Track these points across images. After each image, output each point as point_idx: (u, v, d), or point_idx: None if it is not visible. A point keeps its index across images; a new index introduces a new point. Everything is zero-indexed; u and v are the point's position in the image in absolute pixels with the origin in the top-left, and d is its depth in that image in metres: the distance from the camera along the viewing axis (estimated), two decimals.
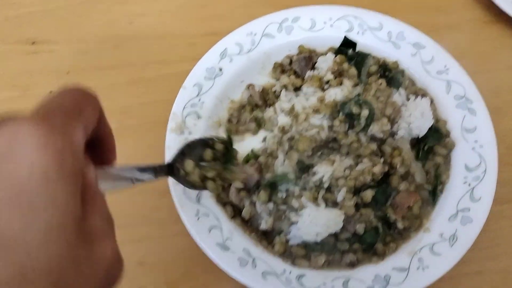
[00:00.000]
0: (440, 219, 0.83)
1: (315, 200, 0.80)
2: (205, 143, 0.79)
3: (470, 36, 1.09)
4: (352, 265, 0.80)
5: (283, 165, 0.83)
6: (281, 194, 0.83)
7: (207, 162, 0.77)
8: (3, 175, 0.32)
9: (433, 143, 0.89)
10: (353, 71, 0.92)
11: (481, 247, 0.86)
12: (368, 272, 0.79)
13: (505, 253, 0.88)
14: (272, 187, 0.83)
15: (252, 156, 0.89)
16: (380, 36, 0.98)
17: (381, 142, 0.86)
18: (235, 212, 0.85)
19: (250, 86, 0.95)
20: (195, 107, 0.91)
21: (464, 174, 0.86)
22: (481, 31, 1.10)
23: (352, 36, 0.98)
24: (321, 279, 0.78)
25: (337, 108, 0.85)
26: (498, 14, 1.09)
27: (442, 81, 0.94)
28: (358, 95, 0.87)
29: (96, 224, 0.40)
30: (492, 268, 0.86)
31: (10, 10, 1.11)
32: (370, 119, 0.84)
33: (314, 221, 0.78)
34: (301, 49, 0.98)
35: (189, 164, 0.74)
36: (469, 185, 0.84)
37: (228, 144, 0.83)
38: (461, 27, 1.11)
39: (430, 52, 0.96)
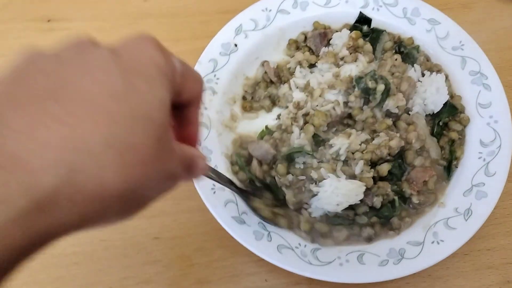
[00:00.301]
0: (455, 193, 0.83)
1: (333, 171, 0.80)
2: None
3: (484, 14, 1.08)
4: (370, 239, 0.81)
5: (299, 138, 0.83)
6: (299, 166, 0.83)
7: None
8: (142, 56, 0.42)
9: (448, 119, 0.90)
10: (368, 47, 0.92)
11: (495, 223, 0.87)
12: (382, 246, 0.79)
13: None
14: (289, 159, 0.84)
15: (267, 132, 0.89)
16: (395, 12, 0.98)
17: (396, 117, 0.87)
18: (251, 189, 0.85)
19: (264, 63, 0.96)
20: (211, 83, 0.91)
21: (479, 149, 0.86)
22: (495, 9, 1.09)
23: (367, 12, 0.98)
24: (336, 253, 0.79)
25: (353, 84, 0.86)
26: None
27: (457, 56, 0.94)
28: (374, 70, 0.87)
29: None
30: (506, 244, 0.86)
31: None
32: (386, 94, 0.84)
33: (336, 191, 0.78)
34: (316, 25, 0.98)
35: (256, 202, 0.81)
36: (484, 160, 0.85)
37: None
38: (476, 5, 1.10)
39: (445, 28, 0.96)
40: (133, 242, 0.86)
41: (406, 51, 0.94)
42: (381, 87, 0.83)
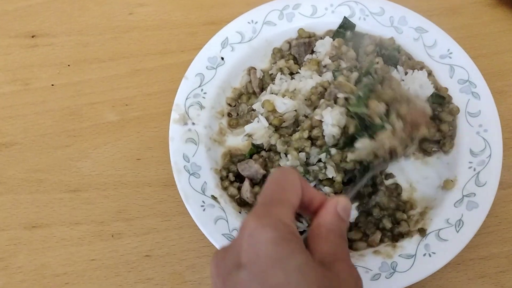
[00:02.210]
0: (446, 204, 0.83)
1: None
2: None
3: (472, 20, 1.08)
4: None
5: (288, 160, 0.82)
6: None
7: None
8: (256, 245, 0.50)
9: (438, 110, 0.90)
10: (352, 53, 0.92)
11: (487, 231, 0.86)
12: (374, 259, 0.79)
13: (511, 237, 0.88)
14: None
15: (255, 150, 0.88)
16: (382, 21, 0.97)
17: None
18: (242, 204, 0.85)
19: (251, 70, 0.95)
20: (198, 97, 0.91)
21: (469, 159, 0.86)
22: (483, 14, 1.09)
23: (354, 22, 0.97)
24: None
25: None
26: None
27: (445, 65, 0.93)
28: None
29: (324, 251, 0.53)
30: (499, 253, 0.85)
31: (10, 3, 1.11)
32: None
33: None
34: (301, 33, 0.97)
35: None
36: (474, 169, 0.84)
37: None
38: (464, 10, 1.09)
39: (432, 36, 0.95)
40: (124, 260, 0.85)
41: (387, 52, 0.94)
42: (355, 74, 0.84)
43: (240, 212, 0.83)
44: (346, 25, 0.97)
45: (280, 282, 0.46)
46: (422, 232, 0.80)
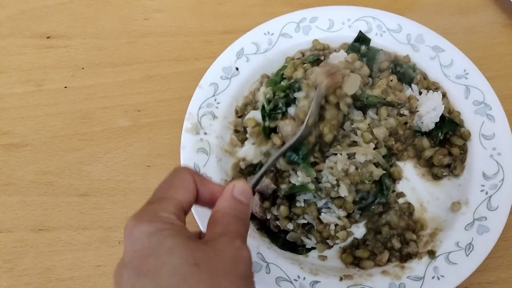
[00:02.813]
0: (457, 227, 0.82)
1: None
2: None
3: (489, 40, 1.08)
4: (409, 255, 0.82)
5: (299, 177, 0.82)
6: (300, 204, 0.82)
7: None
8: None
9: (449, 134, 0.89)
10: (365, 70, 0.91)
11: (496, 256, 0.85)
12: (382, 280, 0.78)
13: None
14: (290, 198, 0.83)
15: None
16: (399, 38, 0.97)
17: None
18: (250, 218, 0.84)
19: (264, 77, 0.95)
20: (211, 107, 0.90)
21: (481, 182, 0.85)
22: (501, 34, 1.09)
23: (370, 37, 0.97)
24: (335, 287, 0.77)
25: None
26: None
27: (461, 85, 0.93)
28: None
29: (214, 232, 0.55)
30: (507, 278, 0.85)
31: (26, 3, 1.11)
32: None
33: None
34: (315, 44, 0.97)
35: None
36: (487, 193, 0.84)
37: None
38: (481, 30, 1.09)
39: (449, 55, 0.95)
40: None
41: (402, 70, 0.94)
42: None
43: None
44: (361, 39, 0.97)
45: (152, 268, 0.48)
46: (432, 254, 0.80)
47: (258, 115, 0.87)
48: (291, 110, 0.84)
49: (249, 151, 0.86)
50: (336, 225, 0.82)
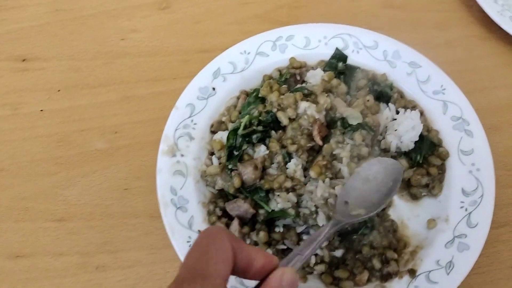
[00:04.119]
0: (437, 245, 0.81)
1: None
2: None
3: (466, 53, 1.08)
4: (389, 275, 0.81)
5: (279, 203, 0.81)
6: (279, 229, 0.82)
7: None
8: None
9: (426, 153, 0.89)
10: (343, 87, 0.91)
11: (478, 272, 0.85)
12: None
13: (503, 277, 0.86)
14: (269, 223, 0.82)
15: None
16: (376, 55, 0.97)
17: None
18: None
19: (242, 94, 0.95)
20: (188, 128, 0.89)
21: (460, 199, 0.84)
22: (477, 47, 1.09)
23: (347, 54, 0.97)
24: None
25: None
26: (495, 30, 1.08)
27: (439, 101, 0.92)
28: None
29: None
30: None
31: (1, 25, 1.10)
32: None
33: None
34: (292, 61, 0.97)
35: None
36: (466, 210, 0.83)
37: None
38: (457, 44, 1.09)
39: (426, 71, 0.95)
40: None
41: (380, 89, 0.93)
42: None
43: None
44: (338, 56, 0.96)
45: None
46: (412, 273, 0.79)
47: (225, 137, 0.87)
48: (261, 148, 0.84)
49: (212, 168, 0.86)
50: (316, 255, 0.81)
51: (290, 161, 0.83)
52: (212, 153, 0.90)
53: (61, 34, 1.09)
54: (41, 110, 1.00)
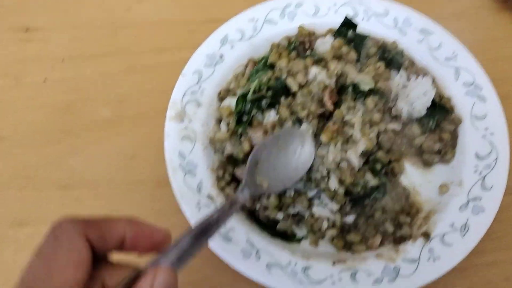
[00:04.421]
0: (451, 209, 0.80)
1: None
2: None
3: (477, 24, 1.07)
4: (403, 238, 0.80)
5: None
6: (289, 193, 0.80)
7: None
8: None
9: (439, 119, 0.87)
10: (353, 55, 0.89)
11: (493, 237, 0.83)
12: (377, 263, 0.75)
13: None
14: None
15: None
16: (386, 22, 0.96)
17: None
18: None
19: (250, 61, 0.93)
20: (195, 95, 0.88)
21: (474, 163, 0.83)
22: (488, 18, 1.08)
23: (357, 22, 0.95)
24: (328, 271, 0.75)
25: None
26: (506, 0, 1.07)
27: (450, 67, 0.91)
28: None
29: None
30: (505, 259, 0.83)
31: None
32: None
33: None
34: (301, 30, 0.95)
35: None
36: (480, 173, 0.82)
37: None
38: (469, 15, 1.08)
39: (437, 38, 0.94)
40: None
41: (390, 56, 0.92)
42: None
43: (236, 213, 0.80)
44: (347, 24, 0.95)
45: None
46: (426, 236, 0.77)
47: (234, 103, 0.85)
48: (270, 113, 0.83)
49: (221, 134, 0.85)
50: (328, 219, 0.79)
51: (300, 127, 0.82)
52: (219, 120, 0.88)
53: (64, 4, 1.07)
54: (45, 80, 0.98)
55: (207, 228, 0.59)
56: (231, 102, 0.86)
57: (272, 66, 0.88)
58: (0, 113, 0.94)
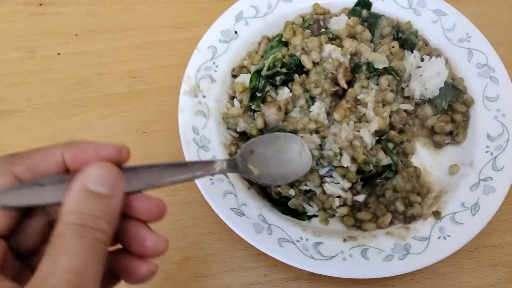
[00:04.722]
0: (462, 188, 0.80)
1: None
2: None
3: (490, 8, 1.07)
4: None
5: None
6: None
7: None
8: None
9: (451, 100, 0.88)
10: (367, 34, 0.89)
11: (501, 219, 0.84)
12: (387, 240, 0.76)
13: None
14: None
15: None
16: (400, 3, 0.96)
17: None
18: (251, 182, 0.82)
19: (264, 39, 0.93)
20: (210, 70, 0.88)
21: (486, 143, 0.83)
22: (501, 2, 1.08)
23: (372, 2, 0.95)
24: (339, 248, 0.75)
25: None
26: None
27: (464, 49, 0.91)
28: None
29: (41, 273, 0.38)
30: None
31: None
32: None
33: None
34: (316, 8, 0.95)
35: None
36: (491, 154, 0.82)
37: None
38: None
39: (451, 19, 0.94)
40: None
41: (404, 36, 0.92)
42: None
43: (249, 188, 0.81)
44: (362, 4, 0.95)
45: None
46: (437, 214, 0.78)
47: (247, 80, 0.85)
48: (284, 90, 0.83)
49: (234, 110, 0.85)
50: (339, 196, 0.80)
51: (313, 105, 0.82)
52: (233, 97, 0.89)
53: None
54: (58, 54, 0.99)
55: (173, 170, 0.55)
56: (245, 78, 0.87)
57: (286, 44, 0.88)
58: (14, 85, 0.95)
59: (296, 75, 0.84)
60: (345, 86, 0.82)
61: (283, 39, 0.89)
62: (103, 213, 0.41)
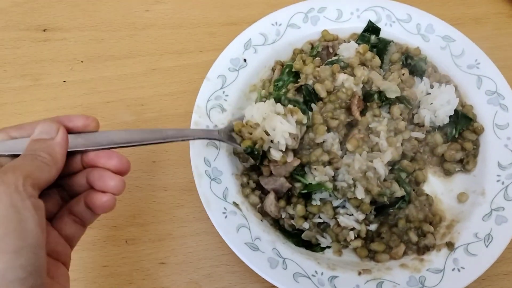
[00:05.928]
0: (474, 218, 0.80)
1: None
2: None
3: (496, 30, 1.07)
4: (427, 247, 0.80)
5: (316, 176, 0.80)
6: (316, 202, 0.81)
7: None
8: None
9: (461, 128, 0.88)
10: (377, 61, 0.89)
11: (510, 246, 0.84)
12: (402, 273, 0.76)
13: None
14: (306, 196, 0.81)
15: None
16: (409, 28, 0.95)
17: None
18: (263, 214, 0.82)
19: (277, 64, 0.93)
20: (220, 100, 0.88)
21: (497, 172, 0.84)
22: (507, 25, 1.08)
23: (380, 28, 0.95)
24: (354, 281, 0.75)
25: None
26: None
27: (473, 75, 0.91)
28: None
29: None
30: None
31: None
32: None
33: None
34: (325, 34, 0.95)
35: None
36: (503, 183, 0.82)
37: None
38: (487, 21, 1.08)
39: (460, 45, 0.94)
40: (138, 267, 0.82)
41: (413, 62, 0.93)
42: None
43: (262, 221, 0.80)
44: (371, 29, 0.95)
45: None
46: (450, 246, 0.78)
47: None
48: None
49: (253, 111, 0.82)
50: (353, 229, 0.80)
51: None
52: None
53: (83, 4, 1.07)
54: (64, 81, 0.98)
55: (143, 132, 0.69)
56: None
57: (297, 74, 0.88)
58: (19, 115, 0.94)
59: (313, 105, 0.84)
60: (359, 118, 0.82)
61: (293, 70, 0.89)
62: (46, 148, 0.57)
